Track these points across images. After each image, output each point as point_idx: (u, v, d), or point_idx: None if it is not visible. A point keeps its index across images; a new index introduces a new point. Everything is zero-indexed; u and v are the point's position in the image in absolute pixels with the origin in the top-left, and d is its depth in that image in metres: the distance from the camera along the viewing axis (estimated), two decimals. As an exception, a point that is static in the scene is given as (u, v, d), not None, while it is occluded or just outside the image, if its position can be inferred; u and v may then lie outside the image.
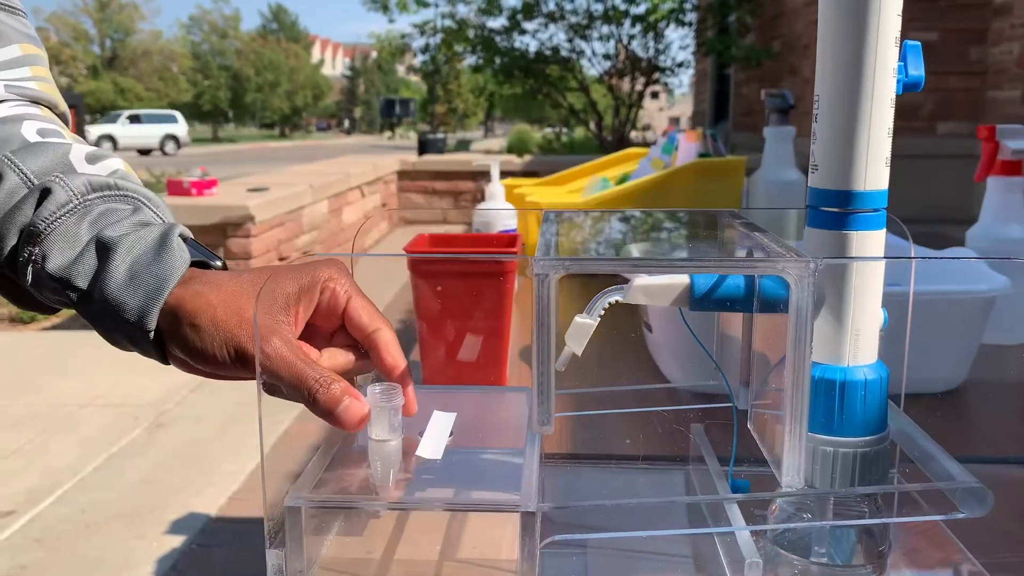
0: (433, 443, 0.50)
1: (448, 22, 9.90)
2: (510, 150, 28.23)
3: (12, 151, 0.53)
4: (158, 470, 2.83)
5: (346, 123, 57.89)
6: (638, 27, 9.54)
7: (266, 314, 0.49)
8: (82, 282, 0.50)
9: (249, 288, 0.50)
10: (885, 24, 0.41)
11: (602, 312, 0.47)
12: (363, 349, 0.52)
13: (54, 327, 4.66)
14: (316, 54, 65.46)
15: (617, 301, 0.47)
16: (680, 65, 10.16)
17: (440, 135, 26.93)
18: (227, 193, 4.70)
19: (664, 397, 0.82)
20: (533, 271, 0.40)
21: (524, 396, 0.54)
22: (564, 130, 14.89)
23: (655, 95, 10.29)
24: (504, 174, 6.13)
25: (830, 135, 0.43)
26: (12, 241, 0.52)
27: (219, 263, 0.54)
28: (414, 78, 10.31)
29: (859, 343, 0.43)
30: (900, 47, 0.43)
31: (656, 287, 0.47)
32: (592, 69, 10.34)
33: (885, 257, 0.42)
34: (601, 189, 1.60)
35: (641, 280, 0.47)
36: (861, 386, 0.43)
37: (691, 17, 9.81)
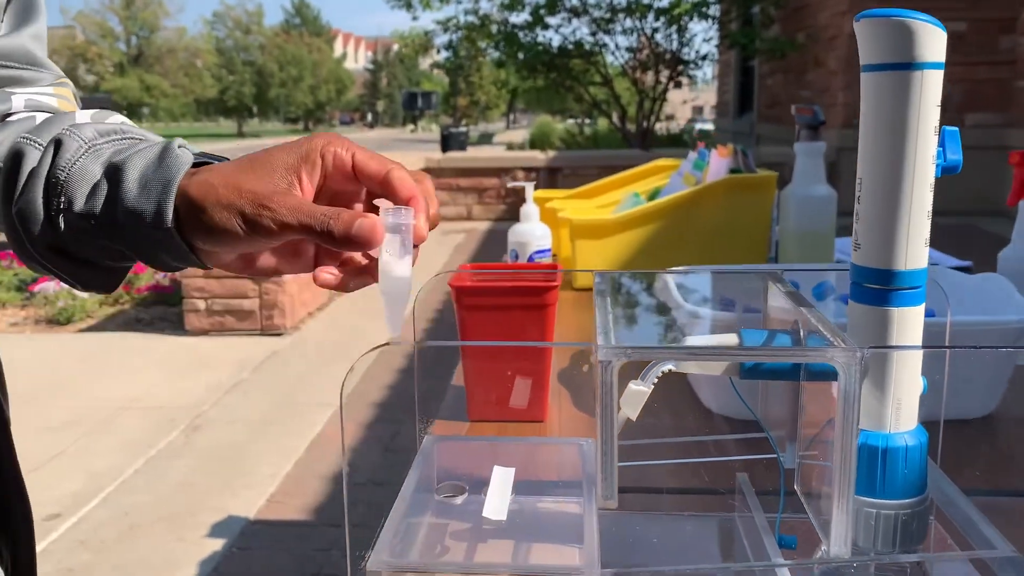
0: (497, 503, 0.53)
1: (471, 18, 9.92)
2: (532, 143, 28.12)
3: (27, 131, 0.59)
4: (196, 472, 2.89)
5: (369, 116, 58.08)
6: (661, 20, 9.50)
7: (266, 182, 0.51)
8: (105, 212, 0.54)
9: (247, 165, 0.53)
10: (925, 116, 0.44)
11: (656, 380, 0.50)
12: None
13: (90, 329, 4.76)
14: (338, 48, 65.69)
15: (671, 370, 0.50)
16: (704, 58, 10.11)
17: (462, 128, 26.93)
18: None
19: (710, 443, 0.85)
20: (596, 357, 0.43)
21: (576, 448, 0.58)
22: (587, 121, 14.82)
23: (679, 84, 10.23)
24: (528, 170, 6.15)
25: (872, 216, 0.46)
26: (42, 201, 0.56)
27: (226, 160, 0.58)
28: (436, 71, 10.37)
29: (900, 412, 0.46)
30: (939, 134, 0.45)
31: (709, 347, 0.50)
32: (616, 62, 10.32)
33: (926, 347, 0.45)
34: (633, 205, 1.62)
35: (695, 340, 0.50)
36: (903, 452, 0.46)
37: (715, 10, 9.75)
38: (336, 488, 2.76)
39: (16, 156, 0.57)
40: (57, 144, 0.56)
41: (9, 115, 0.64)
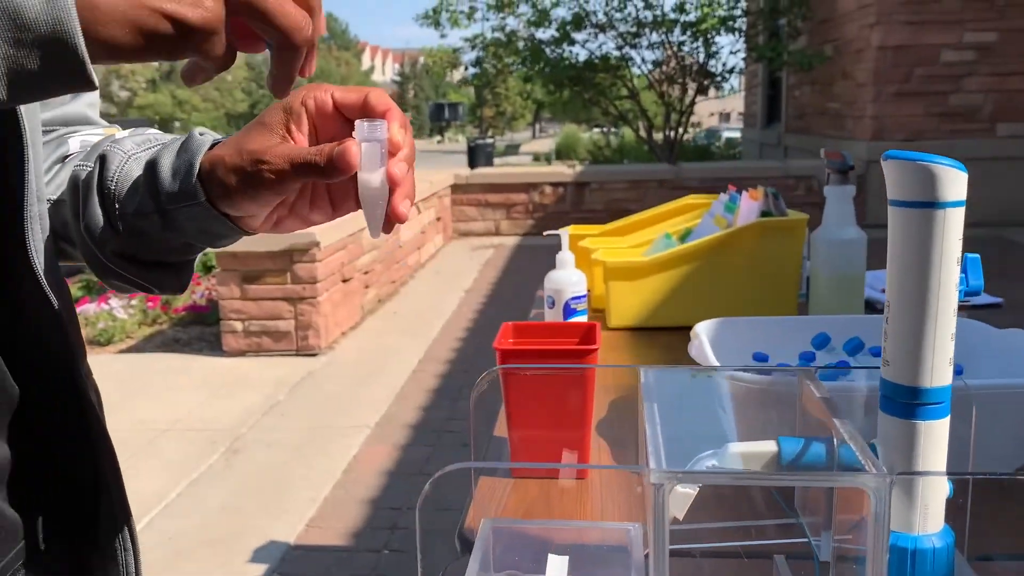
0: (555, 592, 0.57)
1: (498, 35, 10.00)
2: (558, 154, 28.09)
3: (80, 159, 0.68)
4: (237, 496, 2.97)
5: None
6: (688, 34, 9.52)
7: (261, 140, 0.58)
8: (151, 204, 0.62)
9: (245, 130, 0.60)
10: (948, 249, 0.48)
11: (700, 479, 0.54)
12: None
13: (129, 349, 4.88)
14: (366, 61, 66.29)
15: (714, 464, 0.55)
16: (731, 71, 10.10)
17: (489, 140, 27.01)
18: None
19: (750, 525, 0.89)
20: (648, 480, 0.47)
21: (626, 533, 0.62)
22: (613, 130, 14.80)
23: (705, 92, 10.21)
24: (556, 185, 6.20)
25: (900, 337, 0.50)
26: (100, 212, 0.64)
27: None
28: (461, 74, 10.47)
29: (927, 515, 0.50)
30: (961, 262, 0.49)
31: (749, 453, 0.55)
32: (642, 75, 10.35)
33: (950, 474, 0.49)
34: (665, 247, 1.66)
35: (736, 447, 0.54)
36: (930, 553, 0.50)
37: (741, 23, 9.75)
38: (374, 513, 2.81)
39: (74, 181, 0.66)
40: (103, 159, 0.65)
41: (67, 156, 0.73)
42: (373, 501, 2.90)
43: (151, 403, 3.88)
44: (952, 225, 0.48)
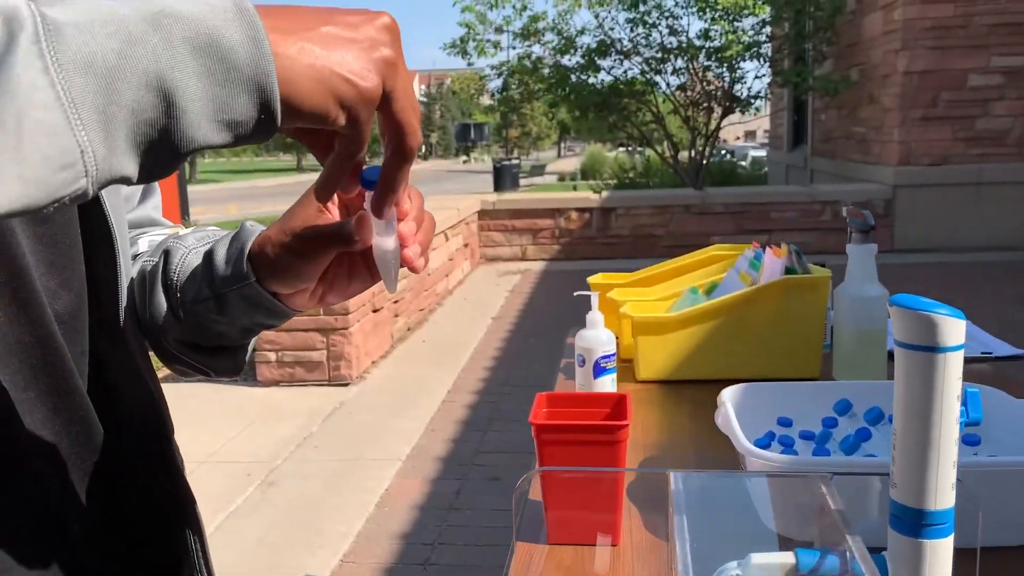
0: None
1: (525, 63, 10.12)
2: (583, 173, 28.10)
3: (147, 256, 0.77)
4: (273, 530, 3.04)
5: (422, 149, 58.93)
6: (713, 60, 9.58)
7: (300, 218, 0.66)
8: (208, 290, 0.69)
9: (289, 211, 0.68)
10: (949, 387, 0.54)
11: (725, 586, 0.60)
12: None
13: (164, 379, 4.99)
14: (392, 82, 66.84)
15: (738, 575, 0.60)
16: (756, 96, 10.13)
17: (514, 160, 27.14)
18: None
19: None
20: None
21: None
22: (639, 149, 14.85)
23: (730, 112, 10.23)
24: (582, 211, 6.26)
25: (907, 464, 0.55)
26: (164, 302, 0.72)
27: None
28: (488, 100, 10.63)
29: (934, 623, 0.55)
30: (961, 397, 0.55)
31: (770, 564, 0.60)
32: (667, 101, 10.41)
33: None
34: (692, 303, 1.72)
35: (758, 559, 0.60)
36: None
37: (766, 48, 9.79)
38: (406, 548, 2.87)
39: (141, 275, 0.74)
40: (166, 253, 0.73)
41: (137, 255, 0.80)
42: (405, 536, 2.96)
43: (187, 434, 3.97)
44: (952, 367, 0.53)
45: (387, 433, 3.99)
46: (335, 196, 0.65)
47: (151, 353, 0.79)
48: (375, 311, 5.15)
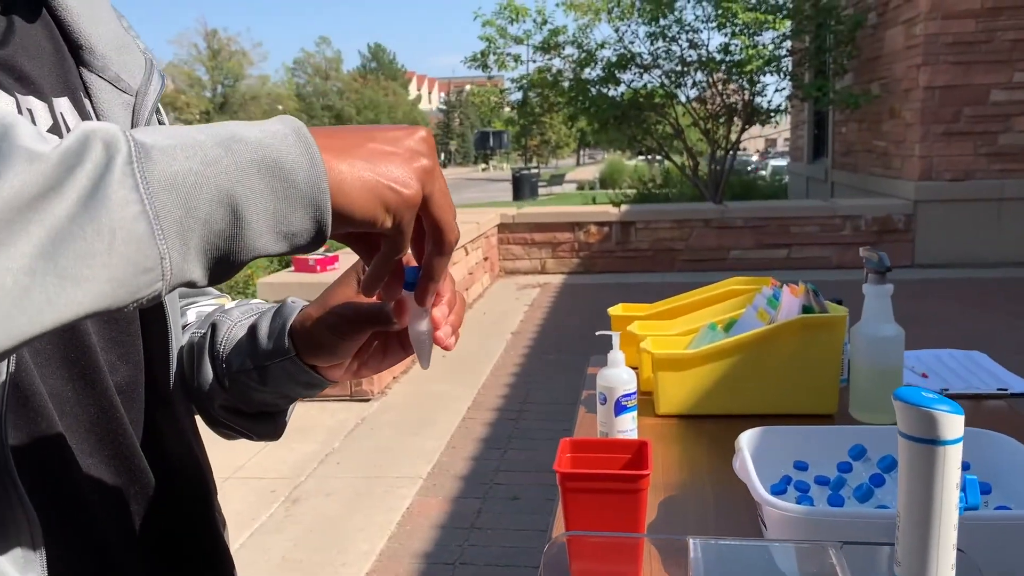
0: None
1: (544, 75, 10.18)
2: (603, 182, 28.06)
3: (195, 328, 0.83)
4: (297, 548, 3.10)
5: (441, 156, 59.27)
6: (733, 74, 9.60)
7: (340, 295, 0.71)
8: (251, 362, 0.75)
9: (329, 289, 0.73)
10: (948, 476, 0.58)
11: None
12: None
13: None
14: (413, 90, 67.42)
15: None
16: (776, 111, 10.13)
17: (533, 169, 27.20)
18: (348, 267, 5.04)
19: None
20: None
21: None
22: (659, 158, 14.89)
23: (750, 123, 10.23)
24: (601, 224, 6.30)
25: (909, 546, 0.60)
26: (211, 372, 0.79)
27: None
28: (508, 109, 10.71)
29: None
30: (960, 484, 0.59)
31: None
32: (687, 114, 10.44)
33: None
34: (710, 339, 1.76)
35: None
36: None
37: (787, 62, 9.79)
38: (427, 568, 2.92)
39: (190, 345, 0.81)
40: (214, 326, 0.79)
41: (186, 325, 0.86)
42: (427, 555, 3.01)
43: (214, 450, 4.04)
44: (951, 458, 0.58)
45: (408, 450, 4.05)
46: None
47: (197, 417, 0.85)
48: (396, 327, 5.22)
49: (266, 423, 0.83)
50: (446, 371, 5.39)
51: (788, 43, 9.84)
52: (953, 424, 0.57)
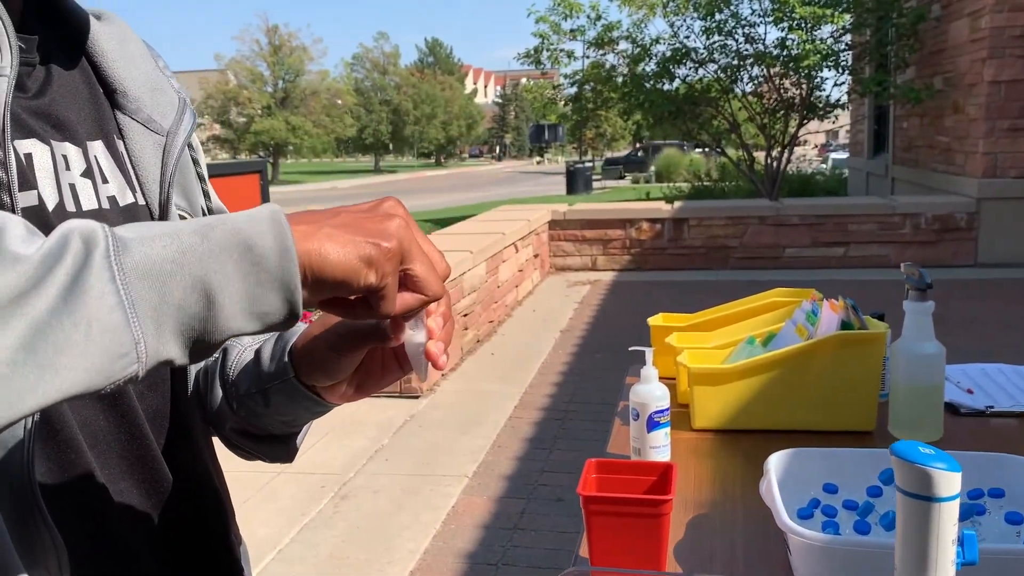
0: None
1: (598, 71, 10.14)
2: (658, 176, 27.80)
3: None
4: (345, 545, 3.17)
5: (496, 149, 59.46)
6: (790, 68, 9.43)
7: (336, 319, 0.72)
8: (255, 386, 0.78)
9: (323, 315, 0.77)
10: (944, 533, 0.58)
11: None
12: None
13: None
14: (469, 84, 67.69)
15: None
16: (835, 106, 9.92)
17: (588, 163, 27.05)
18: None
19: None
20: None
21: None
22: (717, 149, 14.80)
23: (808, 119, 10.03)
24: (653, 221, 6.27)
25: (905, 599, 0.60)
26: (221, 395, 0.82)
27: None
28: (562, 104, 10.69)
29: None
30: (957, 540, 0.59)
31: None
32: (743, 109, 10.29)
33: None
34: (748, 354, 1.75)
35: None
36: None
37: (846, 56, 9.57)
38: (470, 568, 2.97)
39: (204, 369, 0.86)
40: (224, 351, 0.84)
41: None
42: (470, 555, 3.05)
43: (266, 444, 4.16)
44: (948, 515, 0.58)
45: (455, 449, 4.10)
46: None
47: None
48: (446, 325, 5.27)
49: (276, 446, 0.87)
50: (495, 369, 5.44)
51: (847, 37, 9.62)
52: (949, 482, 0.58)
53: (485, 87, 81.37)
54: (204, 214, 0.87)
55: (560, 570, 3.24)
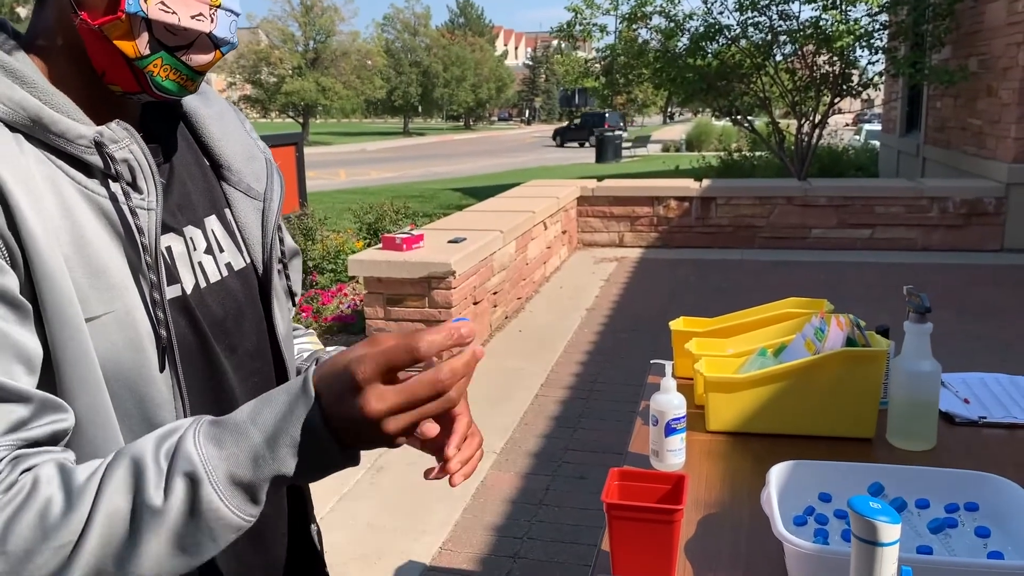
0: None
1: (631, 46, 10.16)
2: (689, 144, 27.52)
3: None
4: (381, 515, 3.40)
5: (526, 113, 59.11)
6: (823, 47, 9.40)
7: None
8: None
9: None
10: (887, 569, 0.76)
11: None
12: None
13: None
14: (499, 46, 67.13)
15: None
16: (867, 85, 9.88)
17: (618, 132, 26.87)
18: (431, 247, 5.29)
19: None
20: None
21: None
22: (749, 118, 14.78)
23: (839, 96, 9.99)
24: (681, 200, 6.39)
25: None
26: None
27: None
28: (593, 80, 10.74)
29: None
30: (898, 573, 0.77)
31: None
32: (774, 86, 10.28)
33: None
34: (760, 365, 1.92)
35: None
36: None
37: (879, 36, 9.51)
38: (498, 540, 3.18)
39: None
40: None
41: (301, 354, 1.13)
42: (498, 528, 3.27)
43: (306, 415, 4.40)
44: (889, 557, 0.75)
45: (484, 425, 4.30)
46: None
47: None
48: (475, 303, 5.47)
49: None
50: (522, 347, 5.63)
51: (883, 16, 9.55)
52: (889, 531, 0.75)
53: (516, 49, 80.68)
54: (283, 257, 1.03)
55: (580, 545, 3.48)
